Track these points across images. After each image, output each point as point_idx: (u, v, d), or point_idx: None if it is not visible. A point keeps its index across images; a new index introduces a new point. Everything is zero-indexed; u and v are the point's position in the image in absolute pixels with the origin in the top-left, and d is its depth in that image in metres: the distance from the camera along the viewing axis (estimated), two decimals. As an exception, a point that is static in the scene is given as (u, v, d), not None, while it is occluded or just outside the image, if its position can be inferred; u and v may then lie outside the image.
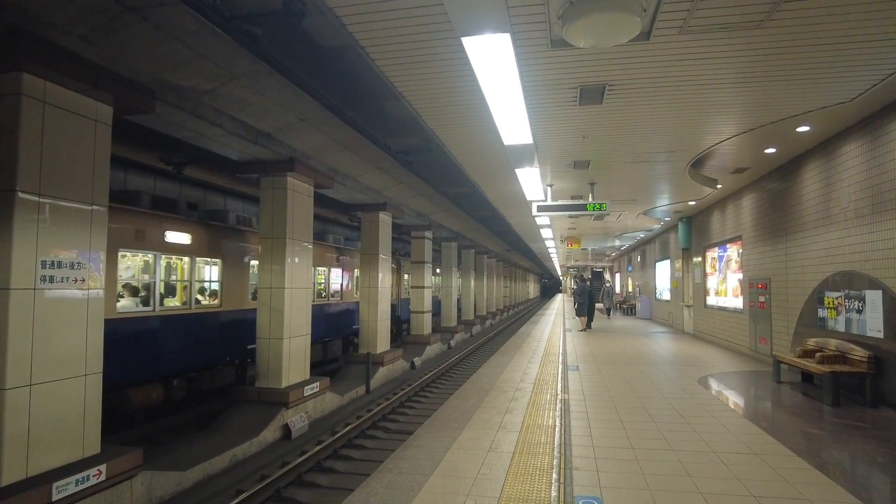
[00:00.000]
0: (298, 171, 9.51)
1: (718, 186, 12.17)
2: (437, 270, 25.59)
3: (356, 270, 16.47)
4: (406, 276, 21.24)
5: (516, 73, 5.37)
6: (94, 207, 5.69)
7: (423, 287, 18.93)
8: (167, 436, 9.10)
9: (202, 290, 10.57)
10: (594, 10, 3.93)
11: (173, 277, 9.84)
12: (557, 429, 5.90)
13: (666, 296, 22.02)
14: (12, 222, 4.85)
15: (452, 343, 21.24)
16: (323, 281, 14.82)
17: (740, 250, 13.04)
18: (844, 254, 8.07)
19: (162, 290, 9.40)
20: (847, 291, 8.00)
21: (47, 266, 5.15)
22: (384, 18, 4.44)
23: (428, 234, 19.19)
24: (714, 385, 9.00)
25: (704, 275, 16.27)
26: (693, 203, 14.73)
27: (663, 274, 22.54)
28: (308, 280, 10.35)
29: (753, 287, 11.84)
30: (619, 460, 5.01)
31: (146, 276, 9.08)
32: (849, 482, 4.58)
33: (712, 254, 15.59)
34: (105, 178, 5.83)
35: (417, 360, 16.54)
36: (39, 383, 5.03)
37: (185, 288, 9.92)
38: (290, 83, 6.83)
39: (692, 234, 17.62)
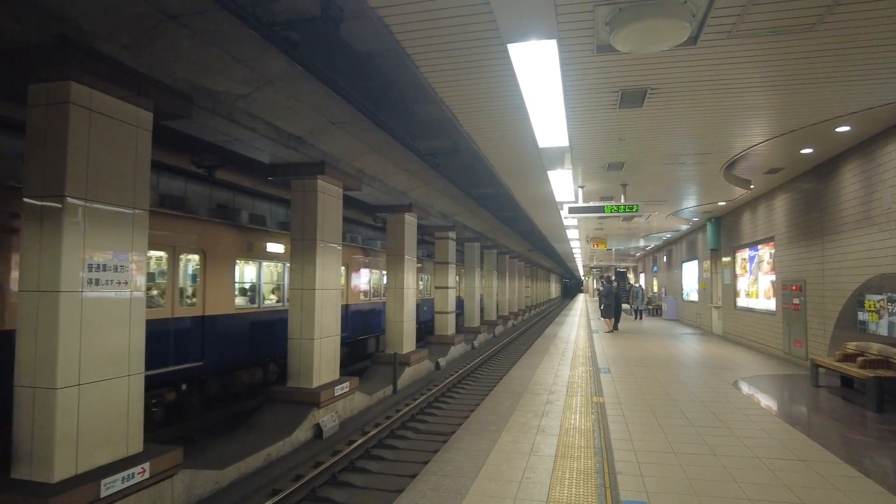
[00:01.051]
0: (328, 173, 9.59)
1: (752, 187, 11.97)
2: (461, 271, 25.59)
3: (374, 271, 16.54)
4: (424, 278, 21.25)
5: (559, 77, 5.39)
6: (136, 211, 5.80)
7: (447, 287, 18.94)
8: (202, 434, 9.24)
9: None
10: (643, 17, 3.91)
11: (272, 280, 11.65)
12: (596, 432, 5.86)
13: (693, 297, 21.72)
14: (62, 227, 4.97)
15: (476, 343, 21.21)
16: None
17: (772, 251, 12.80)
18: (887, 256, 7.87)
19: (264, 291, 11.23)
20: (890, 294, 7.79)
21: (93, 269, 5.26)
22: (432, 26, 4.47)
23: (452, 234, 19.20)
24: (749, 388, 8.85)
25: (734, 276, 16.01)
26: (723, 204, 14.51)
27: (690, 275, 22.24)
28: (338, 281, 10.43)
29: (787, 289, 11.61)
30: (662, 464, 4.95)
31: (252, 280, 10.96)
32: (902, 491, 4.47)
33: (742, 254, 15.34)
34: (146, 182, 5.94)
35: (442, 361, 16.56)
36: (87, 383, 5.14)
37: (279, 288, 11.70)
38: (323, 86, 6.89)
39: (721, 234, 17.35)
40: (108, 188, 5.45)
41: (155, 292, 8.51)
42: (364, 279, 15.77)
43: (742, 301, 15.34)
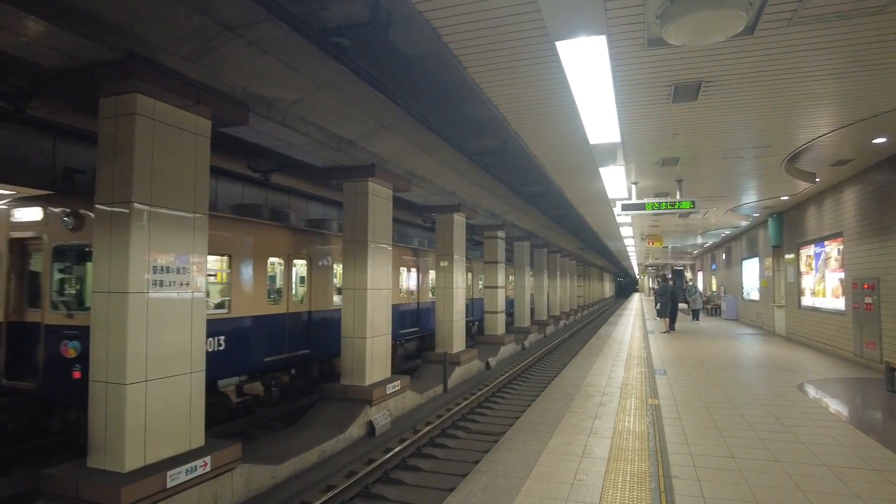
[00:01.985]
0: (378, 175, 9.73)
1: (817, 180, 11.37)
2: (510, 270, 25.44)
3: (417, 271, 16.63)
4: (470, 276, 21.21)
5: (609, 73, 5.30)
6: (196, 215, 6.06)
7: (496, 287, 18.87)
8: (259, 430, 9.55)
9: None
10: (696, 9, 3.77)
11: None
12: (651, 435, 5.71)
13: (754, 295, 20.83)
14: (129, 231, 5.25)
15: (526, 343, 21.04)
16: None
17: (841, 247, 12.12)
18: (971, 251, 7.32)
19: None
20: (974, 293, 7.24)
21: (157, 271, 5.54)
22: (479, 27, 4.49)
23: (501, 233, 19.11)
24: (816, 392, 8.41)
25: (799, 274, 15.25)
26: (786, 198, 13.85)
27: (751, 273, 21.34)
28: (388, 281, 10.58)
29: (858, 287, 10.96)
30: (720, 469, 4.78)
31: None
32: None
33: (807, 251, 14.59)
34: (205, 187, 6.20)
35: (492, 361, 16.51)
36: (153, 379, 5.42)
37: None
38: (373, 90, 7.01)
39: (784, 230, 16.57)
40: (171, 193, 5.72)
41: (275, 291, 9.87)
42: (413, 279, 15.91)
43: (807, 300, 14.59)
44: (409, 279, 15.23)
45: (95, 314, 5.38)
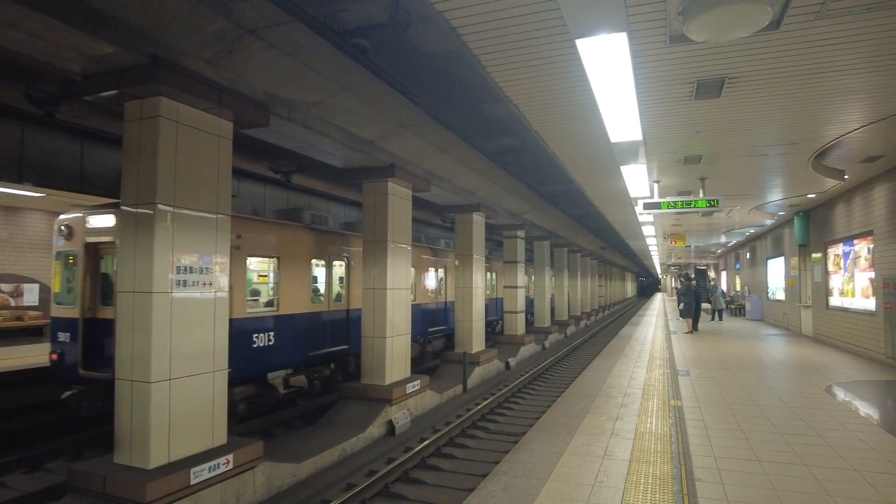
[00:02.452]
0: (398, 175, 9.75)
1: (846, 178, 11.09)
2: (530, 270, 25.32)
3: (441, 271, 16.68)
4: (493, 276, 21.17)
5: (630, 71, 5.24)
6: (219, 216, 6.13)
7: (515, 287, 18.79)
8: (280, 429, 9.65)
9: None
10: (719, 4, 3.70)
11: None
12: (673, 437, 5.63)
13: (780, 295, 20.42)
14: (153, 232, 5.34)
15: (547, 344, 20.92)
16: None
17: (871, 246, 11.81)
18: None
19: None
20: None
21: (181, 271, 5.62)
22: (498, 26, 4.47)
23: (520, 233, 19.03)
24: (845, 395, 8.21)
25: (826, 273, 14.90)
26: (813, 196, 13.55)
27: (776, 272, 20.93)
28: (407, 281, 10.61)
29: (890, 286, 10.67)
30: (745, 473, 4.69)
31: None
32: None
33: (835, 250, 14.25)
34: (228, 189, 6.27)
35: (512, 361, 16.45)
36: (177, 378, 5.51)
37: None
38: (393, 91, 7.01)
39: (811, 229, 16.21)
40: (194, 195, 5.80)
41: (318, 291, 10.49)
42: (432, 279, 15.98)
43: (835, 300, 14.25)
44: (436, 279, 15.74)
45: (121, 314, 5.49)
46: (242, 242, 8.52)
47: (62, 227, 8.32)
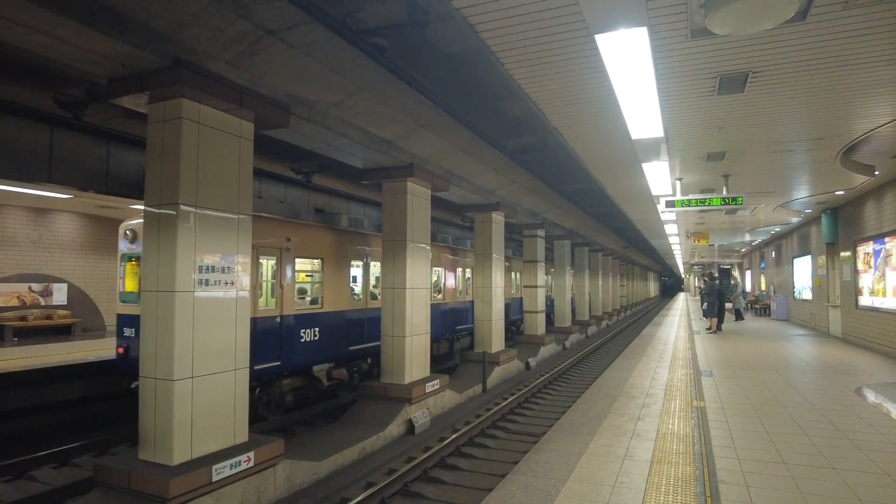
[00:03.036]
0: (417, 175, 9.77)
1: (876, 174, 10.79)
2: (550, 269, 25.17)
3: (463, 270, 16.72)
4: (515, 275, 21.11)
5: (650, 66, 5.16)
6: (240, 216, 6.20)
7: (535, 286, 18.69)
8: (300, 427, 9.73)
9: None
10: (742, -4, 3.61)
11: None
12: (696, 438, 5.54)
13: (806, 295, 19.97)
14: (176, 232, 5.42)
15: (567, 344, 20.76)
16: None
17: (903, 244, 11.48)
18: None
19: None
20: None
21: (203, 270, 5.69)
22: (516, 23, 4.45)
23: (540, 232, 18.92)
24: (876, 396, 7.99)
25: (856, 272, 14.53)
26: (841, 193, 13.21)
27: (803, 271, 20.47)
28: (427, 280, 10.62)
29: (922, 286, 10.36)
30: (769, 475, 4.59)
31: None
32: None
33: (865, 248, 13.87)
34: (249, 189, 6.34)
35: (532, 361, 16.36)
36: (199, 376, 5.58)
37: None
38: (412, 90, 7.02)
39: (839, 226, 15.81)
40: (216, 195, 5.88)
41: (356, 290, 11.23)
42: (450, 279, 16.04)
43: (865, 300, 13.88)
44: (463, 279, 16.26)
45: (144, 312, 5.58)
46: (292, 245, 9.34)
47: (127, 232, 9.19)
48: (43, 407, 9.43)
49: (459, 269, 16.14)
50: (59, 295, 14.31)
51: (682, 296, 62.39)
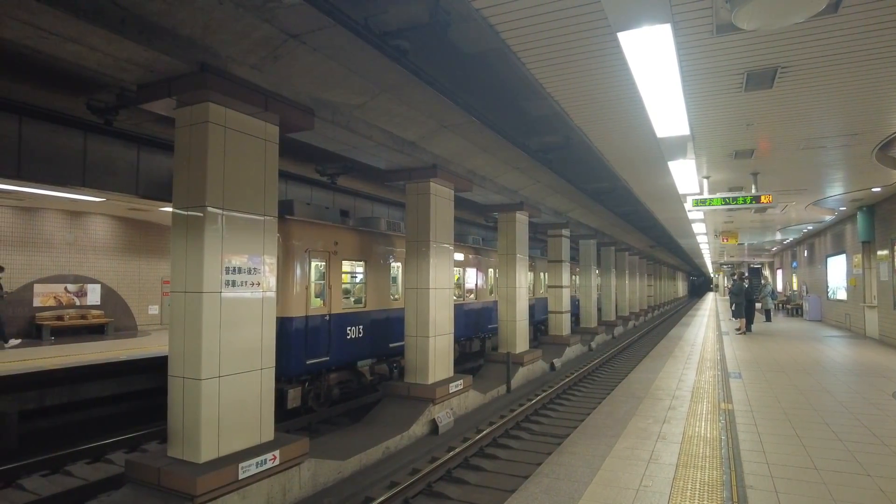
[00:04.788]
0: (440, 175, 9.78)
1: (915, 169, 10.43)
2: (576, 269, 24.95)
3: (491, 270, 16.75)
4: (542, 276, 21.02)
5: (675, 63, 5.07)
6: (266, 218, 6.29)
7: (560, 286, 18.54)
8: (325, 426, 9.83)
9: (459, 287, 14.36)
10: (770, -10, 3.52)
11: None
12: (723, 442, 5.43)
13: (841, 295, 19.41)
14: (203, 234, 5.52)
15: (593, 345, 20.56)
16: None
17: (944, 243, 11.08)
18: None
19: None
20: None
21: (230, 272, 5.79)
22: (537, 21, 4.42)
23: (565, 231, 18.76)
24: (914, 401, 7.72)
25: (894, 271, 14.07)
26: (877, 190, 12.80)
27: (837, 270, 19.91)
28: (450, 280, 10.63)
29: (964, 286, 9.98)
30: (800, 481, 4.47)
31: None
32: None
33: (904, 247, 13.43)
34: (274, 191, 6.43)
35: (557, 362, 16.24)
36: (226, 375, 5.68)
37: (458, 286, 14.24)
38: (434, 91, 7.02)
39: (876, 224, 15.33)
40: (242, 197, 5.97)
41: (395, 290, 11.89)
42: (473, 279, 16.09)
43: (904, 300, 13.43)
44: (494, 279, 16.72)
45: (173, 313, 5.70)
46: (339, 248, 10.07)
47: None
48: (93, 401, 9.75)
49: (490, 270, 16.61)
50: (93, 295, 14.72)
51: (710, 296, 61.22)
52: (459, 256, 14.73)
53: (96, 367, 9.78)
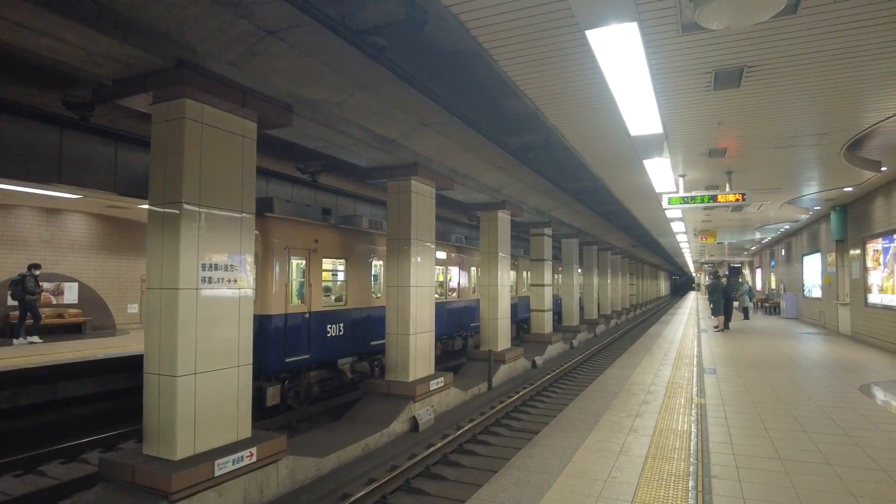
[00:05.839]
0: (421, 174, 9.82)
1: (883, 169, 10.70)
2: (558, 268, 25.14)
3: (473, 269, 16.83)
4: (525, 274, 21.17)
5: (644, 62, 5.14)
6: (244, 215, 6.28)
7: (543, 285, 18.68)
8: (305, 424, 9.82)
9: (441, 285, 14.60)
10: (731, -12, 3.61)
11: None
12: (693, 434, 5.55)
13: (816, 293, 19.82)
14: (180, 231, 5.51)
15: (575, 343, 20.74)
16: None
17: (912, 241, 11.38)
18: None
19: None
20: None
21: (206, 268, 5.78)
22: (506, 19, 4.47)
23: (547, 230, 18.90)
24: (881, 394, 7.94)
25: (865, 269, 14.40)
26: (849, 189, 13.09)
27: (812, 269, 20.32)
28: (432, 278, 10.68)
29: (930, 283, 10.26)
30: (764, 471, 4.60)
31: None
32: None
33: (875, 245, 13.75)
34: (252, 188, 6.42)
35: (539, 359, 16.36)
36: (202, 372, 5.67)
37: (441, 284, 14.53)
38: (413, 89, 7.07)
39: (848, 224, 15.68)
40: (219, 194, 5.96)
41: (377, 288, 11.91)
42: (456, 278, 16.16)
43: (874, 297, 13.76)
44: (477, 278, 16.69)
45: (149, 310, 5.68)
46: (319, 246, 10.05)
47: None
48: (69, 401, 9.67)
49: (473, 268, 16.71)
50: (70, 294, 14.52)
51: (692, 294, 62.01)
52: (442, 255, 14.79)
53: (72, 366, 9.67)
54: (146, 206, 5.93)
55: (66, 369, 9.56)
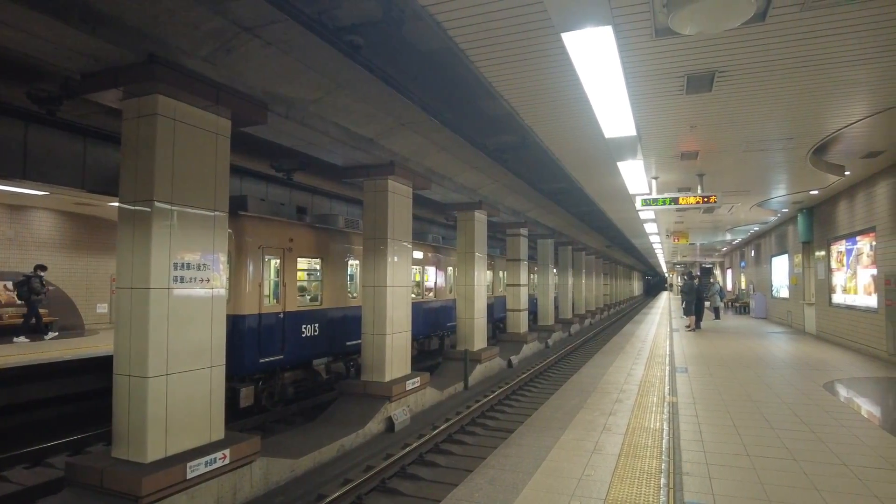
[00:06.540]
0: (398, 173, 9.79)
1: (846, 174, 11.04)
2: (534, 268, 25.33)
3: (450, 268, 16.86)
4: (501, 274, 21.29)
5: (618, 65, 5.22)
6: (217, 213, 6.19)
7: (519, 285, 18.81)
8: (280, 426, 9.72)
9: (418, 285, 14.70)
10: (700, -4, 3.70)
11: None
12: (665, 432, 5.65)
13: (784, 293, 20.35)
14: (151, 229, 5.40)
15: (550, 342, 20.92)
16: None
17: (873, 243, 11.76)
18: None
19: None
20: None
21: (179, 267, 5.68)
22: (483, 20, 4.49)
23: (523, 231, 19.04)
24: (844, 391, 8.20)
25: (829, 270, 14.85)
26: (815, 192, 13.48)
27: (780, 270, 20.86)
28: (408, 278, 10.66)
29: (891, 283, 10.62)
30: (733, 467, 4.71)
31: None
32: None
33: (839, 247, 14.19)
34: (225, 186, 6.33)
35: (514, 359, 16.47)
36: (174, 373, 5.57)
37: (418, 284, 14.67)
38: (390, 89, 7.06)
39: (814, 226, 16.15)
40: (192, 192, 5.86)
41: (353, 288, 11.86)
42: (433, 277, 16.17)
43: (838, 297, 14.19)
44: (454, 277, 16.81)
45: (119, 309, 5.55)
46: (294, 245, 9.97)
47: None
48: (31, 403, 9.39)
49: (450, 268, 16.74)
50: (36, 293, 14.10)
51: (665, 294, 63.10)
52: (419, 255, 14.78)
53: (36, 368, 9.40)
54: (116, 204, 5.80)
55: (31, 371, 9.29)
